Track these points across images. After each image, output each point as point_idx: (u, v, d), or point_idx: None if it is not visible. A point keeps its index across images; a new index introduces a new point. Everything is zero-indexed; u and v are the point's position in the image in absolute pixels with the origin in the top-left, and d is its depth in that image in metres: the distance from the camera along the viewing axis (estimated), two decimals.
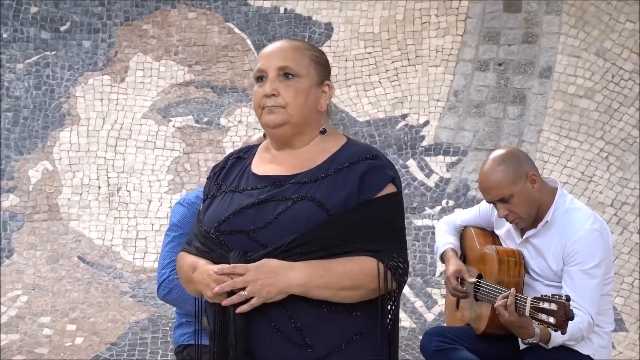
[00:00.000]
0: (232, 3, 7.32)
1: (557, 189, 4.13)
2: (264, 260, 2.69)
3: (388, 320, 2.82)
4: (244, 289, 2.68)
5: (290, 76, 2.83)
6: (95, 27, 7.25)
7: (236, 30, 7.26)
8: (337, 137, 2.91)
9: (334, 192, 2.75)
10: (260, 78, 2.86)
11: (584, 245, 3.96)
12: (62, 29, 7.23)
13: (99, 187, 6.83)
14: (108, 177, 6.87)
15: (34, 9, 7.24)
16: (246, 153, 2.98)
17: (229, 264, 2.72)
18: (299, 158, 2.86)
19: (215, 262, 2.77)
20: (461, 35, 7.13)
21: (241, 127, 7.01)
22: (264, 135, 2.96)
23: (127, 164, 6.90)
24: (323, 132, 2.89)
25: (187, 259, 2.87)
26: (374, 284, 2.74)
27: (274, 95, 2.82)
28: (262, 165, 2.89)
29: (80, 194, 6.80)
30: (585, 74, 6.92)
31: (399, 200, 2.84)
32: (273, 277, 2.68)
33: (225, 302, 2.70)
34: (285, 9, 7.30)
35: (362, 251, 2.74)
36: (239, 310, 2.69)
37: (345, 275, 2.71)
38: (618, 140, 6.76)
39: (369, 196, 2.77)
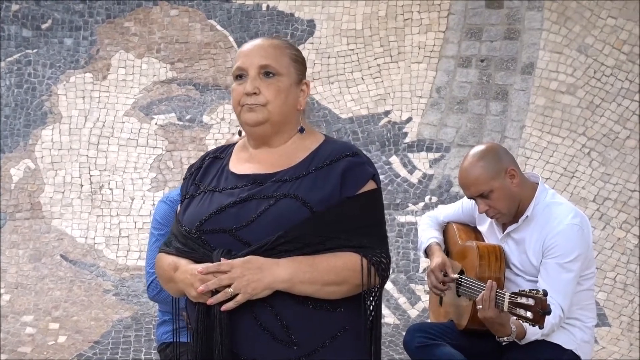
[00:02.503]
0: (214, 0, 7.31)
1: (538, 184, 4.15)
2: (249, 257, 2.69)
3: (370, 315, 2.83)
4: (229, 286, 2.67)
5: (272, 75, 2.83)
6: (76, 24, 7.23)
7: (218, 27, 7.25)
8: (315, 134, 2.92)
9: (316, 189, 2.76)
10: (239, 76, 2.86)
11: (563, 239, 3.98)
12: (44, 26, 7.21)
13: (82, 185, 6.81)
14: (90, 175, 6.85)
15: (15, 7, 7.21)
16: (222, 152, 2.98)
17: (212, 263, 2.71)
18: (278, 156, 2.86)
19: (198, 262, 2.76)
20: (443, 32, 7.14)
21: (224, 125, 7.00)
22: (239, 133, 2.96)
23: (109, 161, 6.89)
24: (301, 130, 2.90)
25: (167, 259, 2.86)
26: (358, 279, 2.75)
27: (255, 93, 2.82)
28: (240, 164, 2.89)
29: (63, 192, 6.78)
30: (567, 70, 6.93)
31: (380, 197, 2.86)
32: (258, 273, 2.67)
33: (211, 301, 2.69)
34: (268, 6, 7.30)
35: (345, 247, 2.75)
36: (224, 307, 2.68)
37: (330, 271, 2.72)
38: (600, 136, 6.78)
39: (351, 193, 2.79)
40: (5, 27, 7.18)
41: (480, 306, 3.82)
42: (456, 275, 4.22)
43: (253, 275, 2.67)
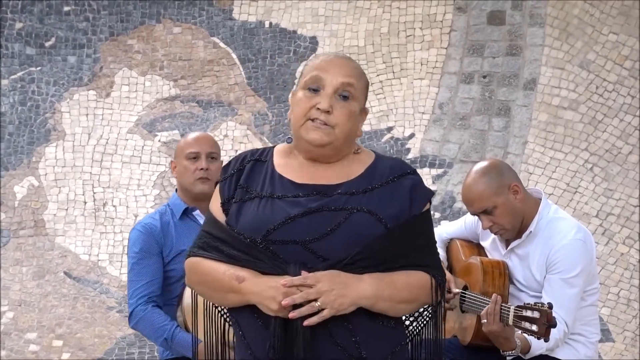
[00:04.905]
0: (217, 18, 7.33)
1: (541, 199, 4.15)
2: (334, 271, 2.64)
3: (422, 329, 2.86)
4: (314, 300, 2.62)
5: (348, 97, 2.76)
6: (80, 42, 7.25)
7: (221, 44, 7.26)
8: (365, 150, 2.88)
9: (386, 205, 2.74)
10: (312, 87, 2.76)
11: (566, 254, 3.98)
12: (47, 44, 7.23)
13: (85, 203, 6.82)
14: (94, 192, 6.86)
15: (18, 25, 7.24)
16: (262, 155, 2.86)
17: (287, 275, 2.64)
18: (333, 167, 2.80)
19: (265, 273, 2.67)
20: (446, 48, 7.16)
21: (227, 141, 7.01)
22: (288, 140, 2.85)
23: (112, 179, 6.90)
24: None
25: (220, 267, 2.73)
26: (427, 297, 2.76)
27: (328, 112, 2.74)
28: (293, 172, 2.80)
29: (66, 210, 6.79)
30: (570, 85, 6.95)
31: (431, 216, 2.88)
32: (345, 289, 2.63)
33: (293, 315, 2.62)
34: (271, 23, 7.31)
35: (414, 265, 2.75)
36: (308, 322, 2.62)
37: (405, 289, 2.72)
38: (602, 152, 6.79)
39: (417, 211, 2.78)
40: (9, 44, 7.20)
41: (485, 320, 3.83)
42: (458, 290, 4.22)
43: (340, 290, 2.62)
